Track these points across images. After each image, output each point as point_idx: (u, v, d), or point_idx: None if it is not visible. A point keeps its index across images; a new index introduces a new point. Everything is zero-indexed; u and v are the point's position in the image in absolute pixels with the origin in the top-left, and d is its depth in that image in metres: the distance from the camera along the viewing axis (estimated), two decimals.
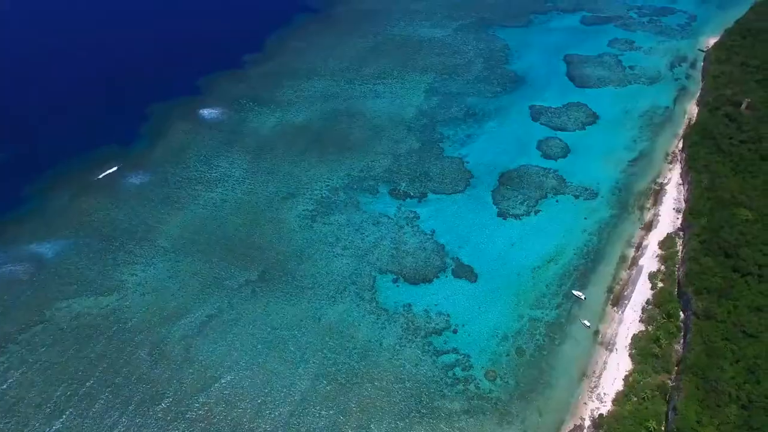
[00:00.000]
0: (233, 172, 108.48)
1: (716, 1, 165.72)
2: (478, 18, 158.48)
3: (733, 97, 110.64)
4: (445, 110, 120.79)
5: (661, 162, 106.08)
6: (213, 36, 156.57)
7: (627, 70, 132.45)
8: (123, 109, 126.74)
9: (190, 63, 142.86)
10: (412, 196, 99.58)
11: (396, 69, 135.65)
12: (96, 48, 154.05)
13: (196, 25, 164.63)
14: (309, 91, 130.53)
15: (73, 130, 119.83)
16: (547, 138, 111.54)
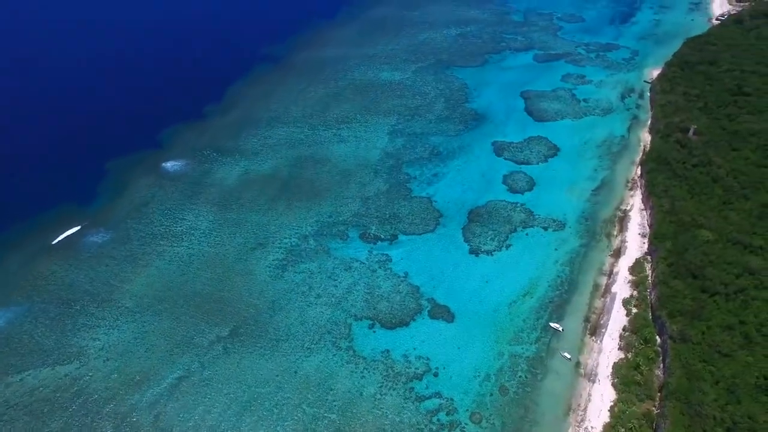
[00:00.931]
0: (199, 224, 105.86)
1: (653, 38, 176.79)
2: (436, 60, 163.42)
3: (680, 124, 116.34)
4: (410, 151, 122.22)
5: (623, 189, 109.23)
6: (173, 88, 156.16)
7: (582, 103, 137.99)
8: (81, 166, 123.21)
9: (151, 116, 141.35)
10: (383, 238, 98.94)
11: (359, 113, 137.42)
12: (51, 102, 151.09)
13: (155, 78, 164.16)
14: (273, 139, 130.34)
15: (26, 189, 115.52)
16: (511, 172, 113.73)
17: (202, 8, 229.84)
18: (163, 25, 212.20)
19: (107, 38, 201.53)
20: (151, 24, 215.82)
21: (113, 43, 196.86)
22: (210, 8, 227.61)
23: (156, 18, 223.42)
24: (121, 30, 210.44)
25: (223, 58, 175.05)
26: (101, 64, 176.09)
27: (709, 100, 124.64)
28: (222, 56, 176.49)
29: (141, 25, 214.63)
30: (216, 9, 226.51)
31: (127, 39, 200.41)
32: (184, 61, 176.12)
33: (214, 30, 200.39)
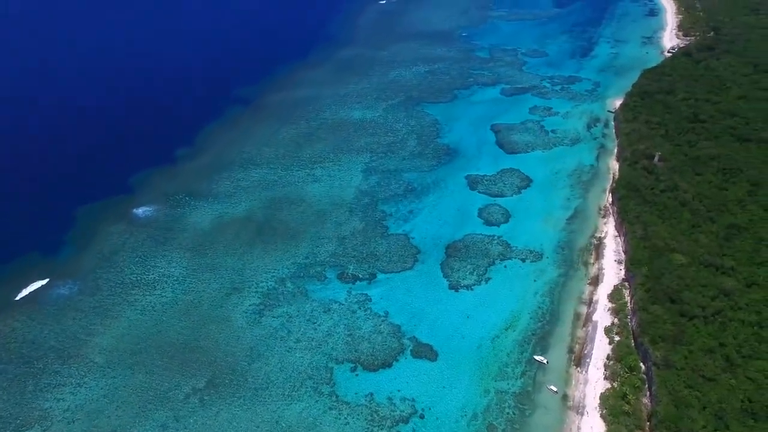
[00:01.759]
0: (172, 271, 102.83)
1: (613, 70, 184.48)
2: (406, 97, 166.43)
3: (646, 151, 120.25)
4: (384, 188, 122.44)
5: (596, 217, 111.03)
6: (143, 132, 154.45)
7: (550, 134, 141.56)
8: (47, 214, 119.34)
9: (121, 160, 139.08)
10: (362, 278, 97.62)
11: (332, 152, 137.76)
12: (14, 146, 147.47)
13: (125, 122, 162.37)
14: (246, 181, 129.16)
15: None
16: (487, 205, 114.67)
17: (172, 51, 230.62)
18: (133, 68, 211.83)
19: (75, 80, 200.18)
20: (121, 66, 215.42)
21: (81, 85, 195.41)
22: (180, 51, 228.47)
23: (126, 60, 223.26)
24: (90, 72, 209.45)
25: (195, 100, 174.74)
26: (68, 106, 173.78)
27: (670, 128, 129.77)
28: (193, 99, 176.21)
29: (111, 68, 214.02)
30: (186, 52, 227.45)
31: (96, 81, 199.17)
32: (154, 104, 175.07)
33: (185, 73, 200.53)
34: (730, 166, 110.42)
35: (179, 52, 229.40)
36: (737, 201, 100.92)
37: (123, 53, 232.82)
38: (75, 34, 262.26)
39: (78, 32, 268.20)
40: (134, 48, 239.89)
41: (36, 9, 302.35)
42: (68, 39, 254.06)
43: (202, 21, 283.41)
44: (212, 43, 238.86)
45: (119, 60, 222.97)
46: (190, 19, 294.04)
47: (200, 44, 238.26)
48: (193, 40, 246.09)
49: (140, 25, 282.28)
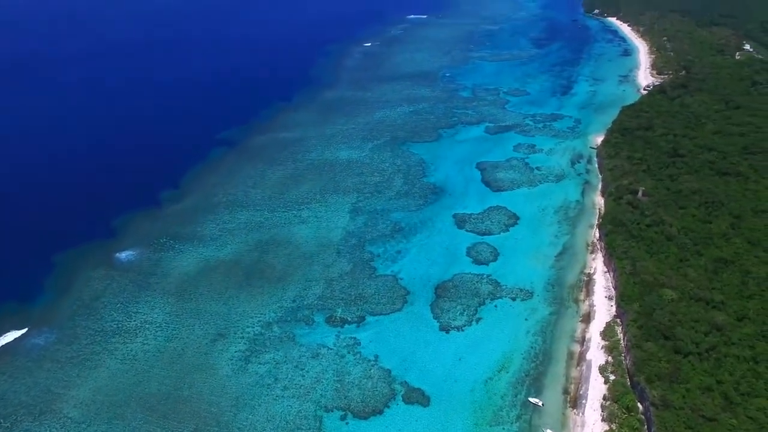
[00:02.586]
0: (154, 317, 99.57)
1: (592, 107, 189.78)
2: (392, 137, 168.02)
3: (629, 186, 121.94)
4: (372, 228, 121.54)
5: (585, 253, 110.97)
6: (127, 175, 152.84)
7: (535, 171, 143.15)
8: (25, 260, 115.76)
9: (103, 204, 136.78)
10: (350, 321, 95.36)
11: (318, 193, 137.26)
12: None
13: (108, 164, 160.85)
14: (232, 223, 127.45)
15: None
16: (475, 244, 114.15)
17: (157, 93, 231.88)
18: (118, 110, 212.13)
19: (56, 122, 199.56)
20: (105, 108, 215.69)
21: (63, 127, 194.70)
22: (165, 93, 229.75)
23: (110, 102, 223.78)
24: (73, 113, 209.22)
25: (180, 142, 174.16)
26: (48, 148, 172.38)
27: (651, 163, 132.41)
28: (179, 141, 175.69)
29: (95, 109, 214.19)
30: (171, 94, 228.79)
31: (79, 123, 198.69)
32: (139, 146, 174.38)
33: (171, 114, 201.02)
34: (711, 200, 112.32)
35: (164, 93, 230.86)
36: (721, 234, 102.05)
37: (107, 95, 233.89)
38: (60, 74, 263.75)
39: (65, 71, 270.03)
40: (119, 90, 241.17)
41: (31, 49, 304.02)
42: (54, 79, 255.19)
43: (187, 63, 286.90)
44: (198, 85, 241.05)
45: (103, 101, 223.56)
46: (175, 61, 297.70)
47: (185, 86, 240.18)
48: (179, 82, 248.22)
49: (127, 67, 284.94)
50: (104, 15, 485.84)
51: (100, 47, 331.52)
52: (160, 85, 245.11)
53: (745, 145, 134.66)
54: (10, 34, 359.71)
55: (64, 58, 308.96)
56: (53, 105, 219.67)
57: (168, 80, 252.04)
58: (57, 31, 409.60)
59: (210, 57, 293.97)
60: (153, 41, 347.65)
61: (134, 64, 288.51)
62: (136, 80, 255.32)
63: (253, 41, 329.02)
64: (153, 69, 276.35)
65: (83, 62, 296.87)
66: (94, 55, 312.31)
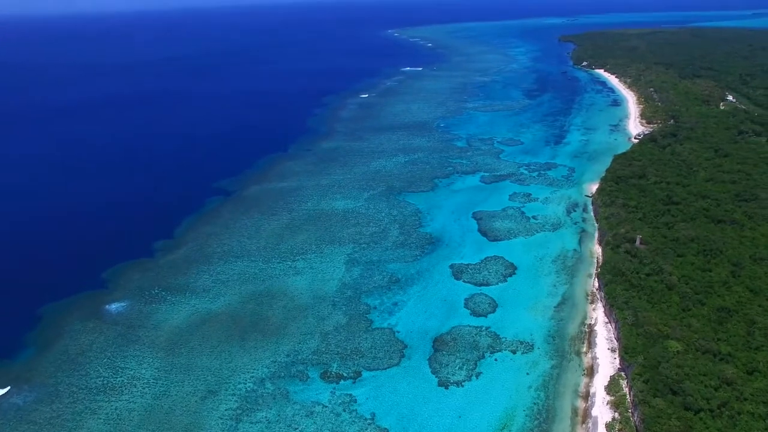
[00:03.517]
0: (142, 373, 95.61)
1: (586, 156, 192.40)
2: (387, 187, 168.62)
3: (626, 234, 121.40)
4: (368, 280, 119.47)
5: (584, 303, 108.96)
6: (120, 225, 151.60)
7: (531, 220, 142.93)
8: (8, 313, 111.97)
9: (93, 254, 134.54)
10: (346, 376, 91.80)
11: (314, 243, 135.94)
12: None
13: (100, 214, 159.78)
14: (226, 274, 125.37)
15: None
16: (472, 295, 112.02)
17: (153, 144, 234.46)
18: (113, 160, 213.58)
19: (48, 171, 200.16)
20: (100, 158, 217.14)
21: (53, 174, 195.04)
22: (162, 144, 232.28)
23: (105, 152, 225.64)
24: (63, 161, 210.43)
25: (176, 192, 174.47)
26: (40, 197, 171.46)
27: (647, 211, 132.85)
28: (174, 191, 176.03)
29: (89, 159, 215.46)
30: (168, 144, 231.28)
31: (72, 173, 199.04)
32: (133, 195, 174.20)
33: (167, 165, 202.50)
34: (709, 248, 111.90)
35: (160, 144, 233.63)
36: (722, 283, 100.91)
37: (103, 144, 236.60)
38: (53, 125, 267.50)
39: (58, 122, 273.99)
40: (115, 140, 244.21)
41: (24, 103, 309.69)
42: (47, 129, 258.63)
43: (183, 114, 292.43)
44: (194, 135, 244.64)
45: (99, 151, 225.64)
46: (171, 112, 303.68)
47: (182, 136, 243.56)
48: (175, 132, 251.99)
49: (123, 117, 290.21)
50: (101, 67, 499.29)
51: (96, 98, 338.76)
52: (156, 135, 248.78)
53: (738, 193, 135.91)
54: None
55: (57, 109, 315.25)
56: (45, 154, 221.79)
57: (164, 131, 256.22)
58: (49, 82, 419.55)
59: (206, 108, 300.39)
60: (149, 93, 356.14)
61: (130, 115, 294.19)
62: (131, 131, 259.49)
63: (250, 93, 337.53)
64: (149, 120, 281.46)
65: (77, 113, 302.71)
66: (90, 106, 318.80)
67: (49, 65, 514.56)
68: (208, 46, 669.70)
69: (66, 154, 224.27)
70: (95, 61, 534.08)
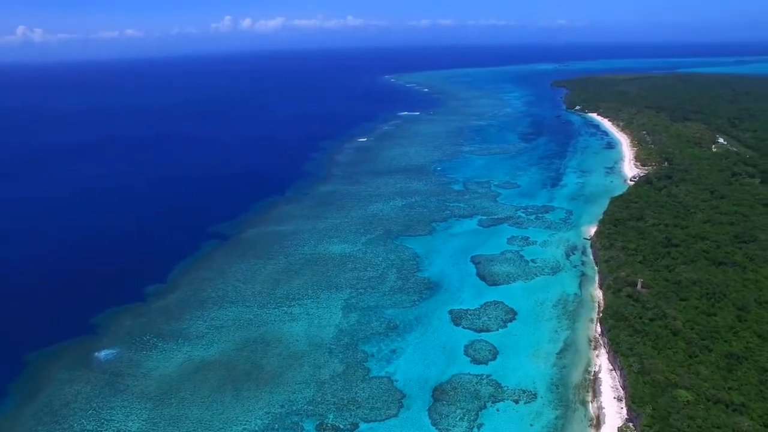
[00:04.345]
0: (129, 426, 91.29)
1: (582, 198, 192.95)
2: (385, 231, 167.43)
3: (627, 278, 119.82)
4: (365, 326, 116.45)
5: (587, 349, 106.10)
6: (111, 268, 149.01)
7: (530, 264, 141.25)
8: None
9: (84, 299, 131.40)
10: (342, 428, 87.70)
11: (310, 288, 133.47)
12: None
13: (92, 258, 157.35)
14: (219, 320, 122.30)
15: None
16: (472, 342, 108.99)
17: (149, 187, 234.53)
18: (105, 201, 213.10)
19: (38, 210, 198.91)
20: (92, 198, 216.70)
21: (45, 215, 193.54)
22: (159, 187, 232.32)
23: (97, 193, 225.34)
24: (56, 203, 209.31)
25: (171, 236, 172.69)
26: (28, 239, 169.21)
27: (646, 253, 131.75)
28: (169, 234, 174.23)
29: (80, 199, 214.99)
30: (165, 188, 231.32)
31: (62, 213, 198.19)
32: (126, 239, 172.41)
33: (162, 208, 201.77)
34: (712, 291, 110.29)
35: (156, 187, 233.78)
36: (728, 327, 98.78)
37: (96, 186, 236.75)
38: (50, 166, 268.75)
39: (51, 165, 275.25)
40: (108, 181, 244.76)
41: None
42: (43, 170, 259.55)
43: (181, 157, 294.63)
44: (191, 179, 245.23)
45: (89, 193, 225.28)
46: (169, 155, 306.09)
47: (178, 180, 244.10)
48: (172, 175, 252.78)
49: (119, 159, 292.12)
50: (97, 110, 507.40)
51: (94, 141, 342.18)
52: (152, 178, 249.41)
53: (737, 234, 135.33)
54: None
55: (54, 150, 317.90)
56: (38, 196, 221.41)
57: (160, 174, 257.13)
58: (45, 126, 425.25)
59: (204, 152, 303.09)
60: (146, 137, 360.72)
61: (127, 158, 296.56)
62: (127, 173, 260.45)
63: (248, 137, 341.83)
64: (145, 163, 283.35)
65: (74, 155, 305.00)
66: (87, 148, 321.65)
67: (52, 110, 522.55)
68: (209, 91, 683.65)
69: (59, 195, 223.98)
70: (93, 105, 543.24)
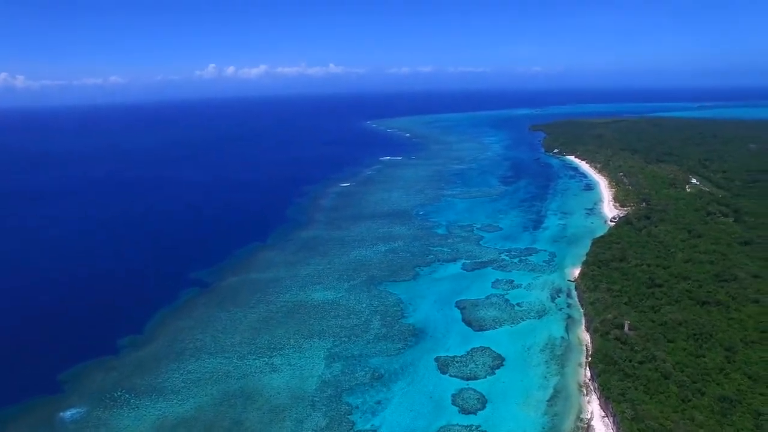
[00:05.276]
0: None
1: (565, 240, 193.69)
2: (368, 276, 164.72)
3: (614, 320, 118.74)
4: (349, 376, 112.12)
5: (578, 396, 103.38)
6: (81, 319, 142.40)
7: (516, 308, 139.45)
8: None
9: (51, 354, 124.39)
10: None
11: (292, 338, 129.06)
12: None
13: (60, 307, 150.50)
14: (197, 373, 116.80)
15: None
16: (460, 390, 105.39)
17: (124, 231, 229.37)
18: (78, 247, 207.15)
19: (6, 260, 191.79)
20: (63, 243, 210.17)
21: (8, 263, 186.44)
22: (135, 234, 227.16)
23: (70, 238, 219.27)
24: (23, 248, 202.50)
25: (147, 284, 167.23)
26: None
27: (631, 295, 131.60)
28: (146, 282, 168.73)
29: (50, 244, 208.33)
30: (142, 234, 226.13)
31: (29, 259, 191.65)
32: (99, 286, 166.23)
33: (139, 256, 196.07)
34: (699, 331, 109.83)
35: (133, 234, 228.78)
36: (718, 369, 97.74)
37: (67, 230, 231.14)
38: (20, 209, 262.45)
39: (24, 206, 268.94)
40: (83, 226, 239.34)
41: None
42: (13, 213, 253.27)
43: (161, 201, 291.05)
44: (169, 225, 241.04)
45: (61, 238, 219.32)
46: (145, 197, 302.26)
47: (156, 227, 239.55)
48: (149, 222, 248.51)
49: (95, 203, 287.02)
50: (77, 153, 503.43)
51: (72, 184, 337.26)
52: (129, 223, 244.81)
53: (717, 273, 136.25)
54: None
55: (25, 194, 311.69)
56: (3, 242, 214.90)
57: (138, 219, 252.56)
58: (19, 169, 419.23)
59: (185, 196, 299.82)
60: (126, 180, 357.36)
61: (105, 201, 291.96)
62: (104, 217, 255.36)
63: (229, 181, 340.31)
64: (122, 206, 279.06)
65: (47, 198, 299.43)
66: (63, 191, 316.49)
67: (32, 153, 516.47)
68: (191, 135, 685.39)
69: (27, 239, 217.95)
70: (70, 148, 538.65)
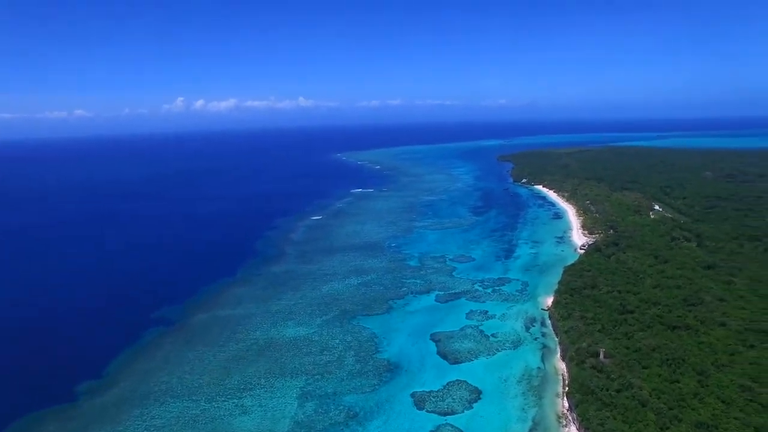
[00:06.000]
0: None
1: (537, 269, 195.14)
2: (341, 311, 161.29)
3: (589, 348, 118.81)
4: (323, 416, 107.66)
5: (557, 427, 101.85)
6: (35, 364, 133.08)
7: (491, 338, 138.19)
8: None
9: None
10: None
11: (263, 377, 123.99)
12: None
13: (9, 351, 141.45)
14: (162, 419, 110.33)
15: None
16: (438, 427, 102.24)
17: (86, 267, 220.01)
18: (32, 284, 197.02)
19: None
20: (17, 280, 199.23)
21: None
22: (97, 268, 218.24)
23: (24, 275, 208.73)
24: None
25: (109, 323, 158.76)
26: None
27: (604, 322, 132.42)
28: (107, 321, 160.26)
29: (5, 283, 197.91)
30: (104, 269, 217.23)
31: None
32: (56, 327, 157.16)
33: (101, 293, 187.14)
34: (671, 356, 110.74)
35: (95, 267, 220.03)
36: (693, 394, 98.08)
37: (23, 266, 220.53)
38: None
39: None
40: (39, 260, 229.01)
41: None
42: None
43: (123, 234, 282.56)
44: (134, 258, 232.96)
45: (9, 282, 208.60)
46: (109, 232, 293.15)
47: (120, 259, 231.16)
48: (113, 254, 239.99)
49: (54, 239, 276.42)
50: (36, 188, 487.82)
51: (24, 220, 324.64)
52: (92, 259, 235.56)
53: (684, 297, 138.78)
54: None
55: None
56: None
57: (101, 254, 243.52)
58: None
59: (150, 231, 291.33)
60: (84, 214, 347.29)
61: (64, 236, 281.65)
62: (60, 254, 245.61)
63: (197, 216, 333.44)
64: (84, 241, 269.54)
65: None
66: (14, 229, 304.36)
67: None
68: (158, 169, 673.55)
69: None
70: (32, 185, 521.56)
